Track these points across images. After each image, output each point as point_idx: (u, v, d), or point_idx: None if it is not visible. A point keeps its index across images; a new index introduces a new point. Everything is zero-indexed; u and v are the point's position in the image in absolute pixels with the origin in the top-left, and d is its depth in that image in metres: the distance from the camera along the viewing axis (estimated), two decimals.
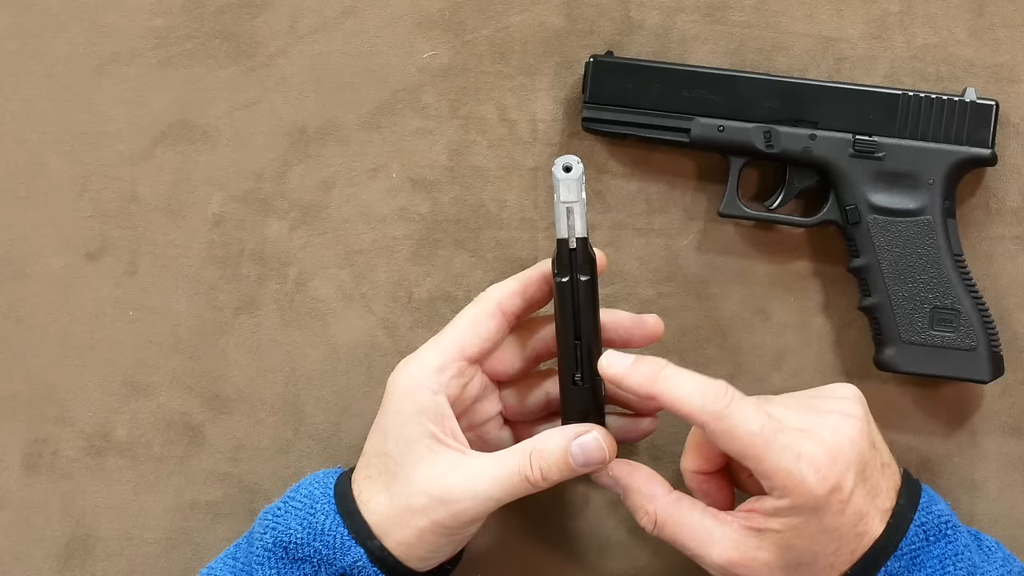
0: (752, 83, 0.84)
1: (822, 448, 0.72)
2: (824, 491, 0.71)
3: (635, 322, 0.81)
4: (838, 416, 0.74)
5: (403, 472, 0.76)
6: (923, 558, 0.74)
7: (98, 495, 0.88)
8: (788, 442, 0.72)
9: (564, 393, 0.79)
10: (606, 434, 0.77)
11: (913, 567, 0.74)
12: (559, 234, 0.76)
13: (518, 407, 0.82)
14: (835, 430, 0.73)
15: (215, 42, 0.88)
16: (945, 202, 0.83)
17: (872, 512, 0.73)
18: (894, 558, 0.73)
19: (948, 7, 0.86)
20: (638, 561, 0.87)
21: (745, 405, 0.73)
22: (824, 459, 0.72)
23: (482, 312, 0.78)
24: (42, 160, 0.88)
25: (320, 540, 0.76)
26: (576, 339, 0.77)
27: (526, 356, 0.81)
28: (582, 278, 0.76)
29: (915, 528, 0.74)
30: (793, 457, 0.71)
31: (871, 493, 0.73)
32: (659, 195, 0.87)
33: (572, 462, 0.76)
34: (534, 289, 0.79)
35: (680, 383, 0.74)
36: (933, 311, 0.83)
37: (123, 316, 0.88)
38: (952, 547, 0.75)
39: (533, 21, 0.87)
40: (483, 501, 0.75)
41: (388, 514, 0.76)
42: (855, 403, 0.75)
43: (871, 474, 0.74)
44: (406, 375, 0.78)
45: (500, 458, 0.76)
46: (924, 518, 0.75)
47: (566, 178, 0.75)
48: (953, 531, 0.75)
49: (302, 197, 0.88)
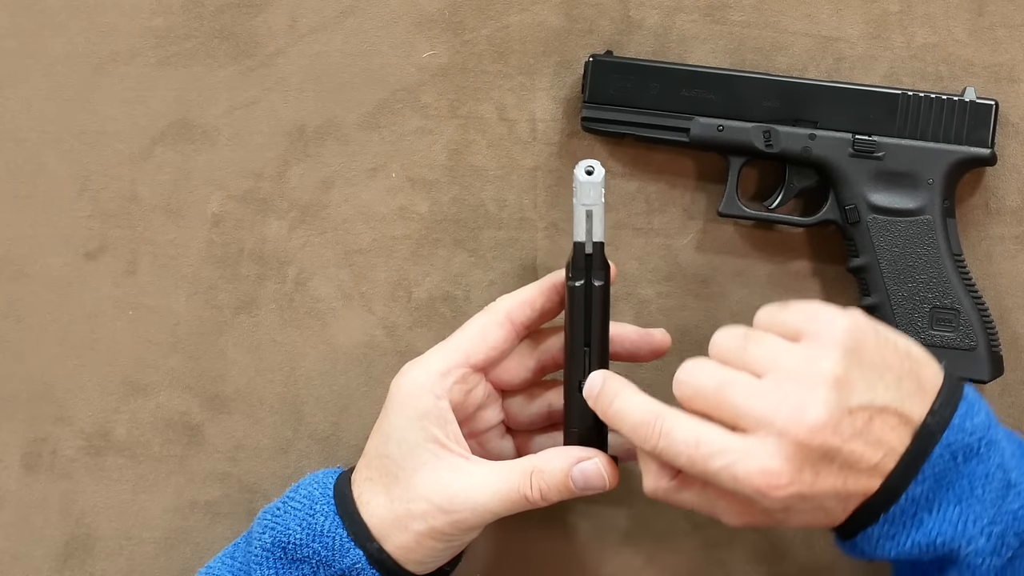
0: (752, 83, 0.84)
1: (763, 461, 0.69)
2: (773, 503, 0.70)
3: (642, 336, 0.81)
4: (792, 408, 0.69)
5: (404, 475, 0.76)
6: (951, 478, 0.71)
7: (97, 495, 0.88)
8: (723, 465, 0.70)
9: (568, 399, 0.78)
10: (608, 461, 0.77)
11: (939, 488, 0.71)
12: (576, 237, 0.76)
13: (521, 417, 0.82)
14: (789, 426, 0.69)
15: (214, 42, 0.88)
16: (944, 202, 0.83)
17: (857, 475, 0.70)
18: (916, 482, 0.71)
19: (948, 7, 0.86)
20: (637, 562, 0.87)
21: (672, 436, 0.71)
22: (763, 480, 0.69)
23: (491, 321, 0.78)
24: (42, 160, 0.88)
25: (319, 541, 0.76)
26: (585, 345, 0.77)
27: (532, 367, 0.81)
28: (596, 283, 0.76)
29: (940, 449, 0.71)
30: (731, 479, 0.70)
31: (847, 463, 0.70)
32: (659, 195, 0.87)
33: (572, 486, 0.76)
34: (545, 300, 0.79)
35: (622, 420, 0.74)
36: (932, 311, 0.83)
37: (122, 315, 0.88)
38: (983, 466, 0.71)
39: (532, 21, 0.87)
40: (482, 513, 0.75)
41: (388, 517, 0.76)
42: (826, 364, 0.70)
43: (845, 445, 0.69)
44: (410, 379, 0.77)
45: (501, 472, 0.76)
46: (953, 436, 0.71)
47: (588, 181, 0.75)
48: (987, 447, 0.72)
49: (301, 197, 0.88)
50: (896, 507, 0.71)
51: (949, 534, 0.71)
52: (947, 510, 0.71)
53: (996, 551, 0.71)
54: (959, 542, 0.71)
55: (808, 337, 0.71)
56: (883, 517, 0.71)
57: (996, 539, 0.71)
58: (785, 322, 0.73)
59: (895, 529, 0.71)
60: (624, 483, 0.79)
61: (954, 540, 0.71)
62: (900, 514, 0.71)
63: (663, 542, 0.87)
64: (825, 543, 0.86)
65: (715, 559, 0.87)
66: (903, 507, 0.71)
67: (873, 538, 0.72)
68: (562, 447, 0.78)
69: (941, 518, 0.71)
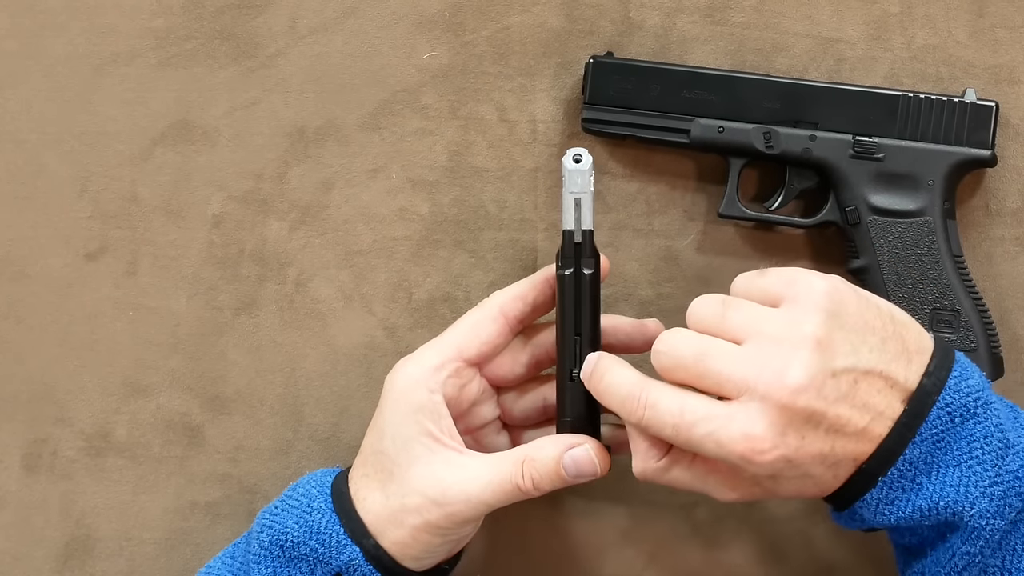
0: (752, 84, 0.84)
1: (746, 427, 0.69)
2: (759, 468, 0.69)
3: (636, 327, 0.81)
4: (773, 372, 0.69)
5: (399, 471, 0.76)
6: (948, 440, 0.71)
7: (98, 495, 0.88)
8: (707, 432, 0.69)
9: (560, 389, 0.78)
10: (599, 447, 0.77)
11: (937, 451, 0.70)
12: (565, 225, 0.76)
13: (516, 412, 0.82)
14: (771, 391, 0.68)
15: (215, 42, 0.88)
16: (945, 203, 0.83)
17: (845, 440, 0.69)
18: (913, 444, 0.70)
19: (948, 8, 0.86)
20: (637, 563, 0.87)
21: (656, 408, 0.71)
22: (746, 446, 0.69)
23: (484, 315, 0.79)
24: (42, 160, 0.88)
25: (316, 539, 0.76)
26: (576, 334, 0.77)
27: (527, 362, 0.81)
28: (586, 271, 0.77)
29: (937, 410, 0.70)
30: (715, 445, 0.69)
31: (833, 427, 0.69)
32: (659, 196, 0.87)
33: (564, 473, 0.76)
34: (537, 293, 0.79)
35: (609, 395, 0.74)
36: (933, 312, 0.83)
37: (123, 316, 0.88)
38: (981, 427, 0.71)
39: (533, 22, 0.87)
40: (476, 505, 0.75)
41: (383, 513, 0.76)
42: (807, 327, 0.69)
43: (830, 408, 0.69)
44: (403, 374, 0.78)
45: (494, 463, 0.76)
46: (950, 398, 0.71)
47: (576, 168, 0.76)
48: (984, 409, 0.71)
49: (302, 197, 0.88)
50: (894, 470, 0.70)
51: (951, 496, 0.70)
52: (946, 473, 0.70)
53: (999, 512, 0.71)
54: (961, 504, 0.70)
55: (788, 301, 0.71)
56: (881, 481, 0.70)
57: (999, 500, 0.70)
58: (764, 288, 0.73)
59: (894, 494, 0.71)
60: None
61: (956, 503, 0.70)
62: (899, 477, 0.70)
63: (663, 542, 0.87)
64: (825, 544, 0.87)
65: (715, 560, 0.87)
66: (901, 470, 0.70)
67: (872, 503, 0.71)
68: (554, 436, 0.78)
69: (941, 481, 0.70)
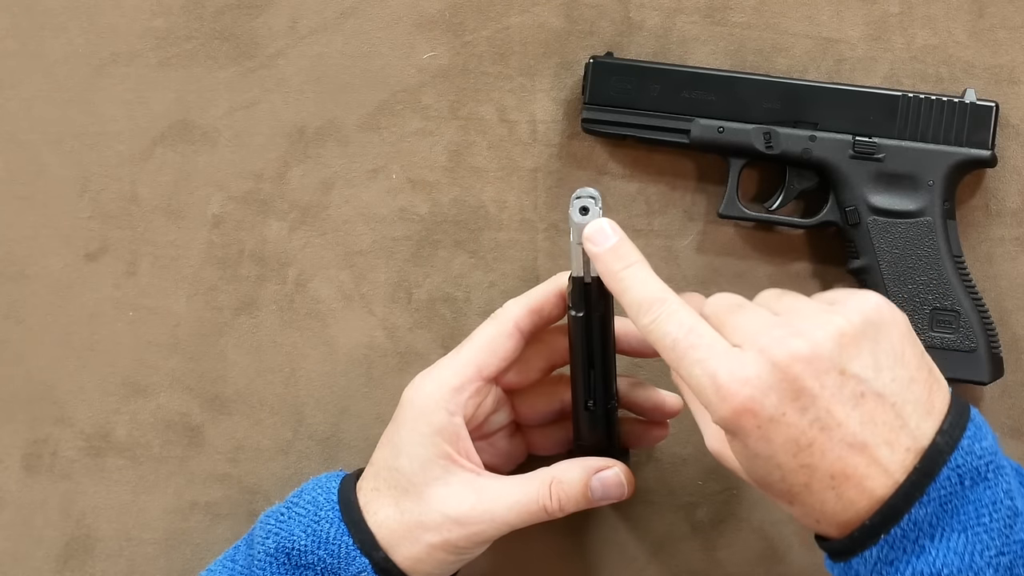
0: (752, 84, 0.84)
1: (735, 365, 0.67)
2: (728, 412, 0.67)
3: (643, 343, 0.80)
4: (783, 334, 0.67)
5: (415, 489, 0.76)
6: (956, 503, 0.67)
7: (98, 496, 0.88)
8: (700, 358, 0.68)
9: (577, 417, 0.79)
10: (626, 470, 0.78)
11: (943, 513, 0.67)
12: (574, 272, 0.76)
13: (531, 412, 0.82)
14: (772, 345, 0.67)
15: (215, 43, 0.88)
16: (945, 203, 0.83)
17: (829, 447, 0.66)
18: (920, 504, 0.66)
19: (948, 8, 0.86)
20: (637, 562, 0.87)
21: (669, 320, 0.70)
22: (728, 378, 0.67)
23: (500, 331, 0.78)
24: (42, 161, 0.88)
25: (324, 548, 0.76)
26: (590, 367, 0.78)
27: (541, 367, 0.81)
28: (596, 314, 0.77)
29: (948, 471, 0.67)
30: (702, 373, 0.68)
31: (820, 423, 0.66)
32: (659, 196, 0.87)
33: (591, 496, 0.77)
34: (551, 307, 0.79)
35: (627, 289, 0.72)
36: (933, 312, 0.83)
37: (123, 317, 0.88)
38: (991, 492, 0.67)
39: (533, 22, 0.87)
40: (499, 526, 0.76)
41: (397, 529, 0.76)
42: (840, 319, 0.68)
43: (822, 395, 0.66)
44: (423, 393, 0.77)
45: (519, 485, 0.76)
46: (962, 459, 0.67)
47: (582, 221, 0.75)
48: (995, 473, 0.68)
49: (302, 198, 0.88)
50: (897, 528, 0.67)
51: (955, 564, 0.67)
52: (951, 537, 0.67)
53: None
54: (966, 574, 0.67)
55: (838, 303, 0.69)
56: (883, 539, 0.67)
57: (1004, 571, 0.67)
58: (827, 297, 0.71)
59: (895, 554, 0.67)
60: None
61: (960, 572, 0.67)
62: (901, 537, 0.67)
63: (663, 542, 0.87)
64: None
65: (715, 560, 0.87)
66: (904, 529, 0.67)
67: (871, 561, 0.68)
68: (580, 458, 0.79)
69: (945, 546, 0.67)
